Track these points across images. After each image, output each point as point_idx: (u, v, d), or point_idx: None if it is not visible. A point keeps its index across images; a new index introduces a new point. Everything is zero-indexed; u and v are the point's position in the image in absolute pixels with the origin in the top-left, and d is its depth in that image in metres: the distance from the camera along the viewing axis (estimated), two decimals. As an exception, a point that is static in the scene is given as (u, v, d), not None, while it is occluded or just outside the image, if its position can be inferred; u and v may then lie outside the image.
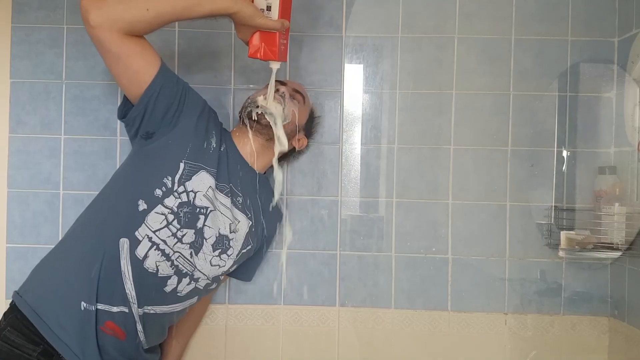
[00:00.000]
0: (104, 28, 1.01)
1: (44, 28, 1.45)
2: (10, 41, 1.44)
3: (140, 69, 1.07)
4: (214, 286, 1.25)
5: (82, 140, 1.45)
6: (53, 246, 1.21)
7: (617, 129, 1.41)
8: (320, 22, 1.46)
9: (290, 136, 1.26)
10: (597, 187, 1.40)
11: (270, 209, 1.30)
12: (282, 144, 1.21)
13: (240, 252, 1.23)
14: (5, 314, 1.13)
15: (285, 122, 1.22)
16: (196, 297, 1.22)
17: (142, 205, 1.10)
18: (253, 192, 1.25)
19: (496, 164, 1.45)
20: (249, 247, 1.25)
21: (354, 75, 1.47)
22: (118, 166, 1.43)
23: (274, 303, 1.46)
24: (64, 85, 1.45)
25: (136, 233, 1.09)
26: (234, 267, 1.25)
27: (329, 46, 1.46)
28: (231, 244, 1.20)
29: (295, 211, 1.46)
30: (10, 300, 1.14)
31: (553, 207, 1.43)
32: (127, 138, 1.42)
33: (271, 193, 1.30)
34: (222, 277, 1.25)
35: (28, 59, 1.45)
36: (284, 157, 1.35)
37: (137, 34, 1.06)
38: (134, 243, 1.09)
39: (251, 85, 1.45)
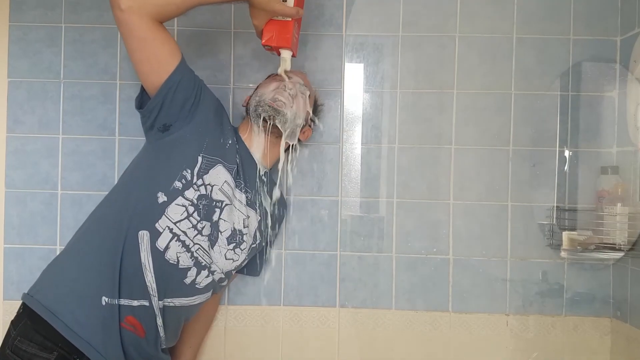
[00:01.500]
0: (133, 11, 1.03)
1: (42, 27, 1.44)
2: (7, 40, 1.44)
3: (163, 58, 1.09)
4: (225, 282, 1.26)
5: (80, 140, 1.44)
6: (51, 247, 1.21)
7: (620, 129, 1.41)
8: (321, 20, 1.45)
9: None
10: (599, 187, 1.39)
11: (274, 201, 1.31)
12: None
13: (250, 246, 1.24)
14: (14, 322, 1.10)
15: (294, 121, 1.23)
16: (211, 292, 1.23)
17: (162, 198, 1.11)
18: (260, 187, 1.26)
19: (498, 163, 1.44)
20: (258, 241, 1.27)
21: (354, 74, 1.46)
22: (116, 166, 1.44)
23: (274, 304, 1.45)
24: (62, 85, 1.44)
25: (156, 225, 1.10)
26: (245, 262, 1.27)
27: (329, 45, 1.45)
28: (244, 238, 1.22)
29: (295, 211, 1.45)
30: (9, 302, 1.13)
31: (555, 208, 1.42)
32: (126, 138, 1.44)
33: (275, 185, 1.31)
34: (234, 272, 1.26)
35: (26, 58, 1.44)
36: (289, 148, 1.35)
37: (164, 19, 1.08)
38: (155, 235, 1.10)
39: (250, 85, 1.44)
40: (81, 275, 1.11)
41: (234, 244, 1.20)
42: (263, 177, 1.25)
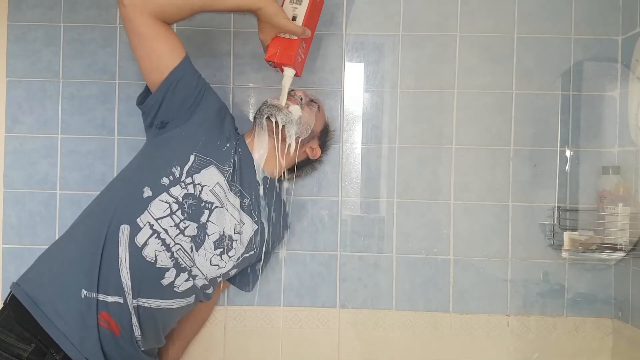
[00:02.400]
0: (136, 7, 1.05)
1: (41, 26, 1.43)
2: (6, 39, 1.43)
3: (165, 54, 1.10)
4: (210, 290, 1.23)
5: (79, 139, 1.44)
6: (50, 247, 1.20)
7: (621, 128, 1.40)
8: (321, 20, 1.43)
9: (304, 142, 1.26)
10: (600, 187, 1.38)
11: (280, 213, 1.30)
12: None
13: (242, 255, 1.21)
14: None
15: (299, 125, 1.23)
16: (193, 297, 1.19)
17: (147, 192, 1.10)
18: (261, 196, 1.24)
19: (498, 163, 1.43)
20: (252, 252, 1.23)
21: (354, 73, 1.45)
22: (115, 166, 1.43)
23: (274, 304, 1.44)
24: (60, 84, 1.44)
25: (138, 220, 1.09)
26: (234, 271, 1.23)
27: (329, 44, 1.44)
28: (234, 245, 1.18)
29: (295, 211, 1.44)
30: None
31: (556, 208, 1.41)
32: (125, 137, 1.43)
33: (280, 200, 1.30)
34: (220, 279, 1.22)
35: (24, 58, 1.43)
36: (299, 169, 1.34)
37: (166, 19, 1.09)
38: (135, 230, 1.09)
39: (250, 84, 1.43)
40: (64, 266, 1.10)
41: (221, 250, 1.16)
42: (260, 182, 1.23)
